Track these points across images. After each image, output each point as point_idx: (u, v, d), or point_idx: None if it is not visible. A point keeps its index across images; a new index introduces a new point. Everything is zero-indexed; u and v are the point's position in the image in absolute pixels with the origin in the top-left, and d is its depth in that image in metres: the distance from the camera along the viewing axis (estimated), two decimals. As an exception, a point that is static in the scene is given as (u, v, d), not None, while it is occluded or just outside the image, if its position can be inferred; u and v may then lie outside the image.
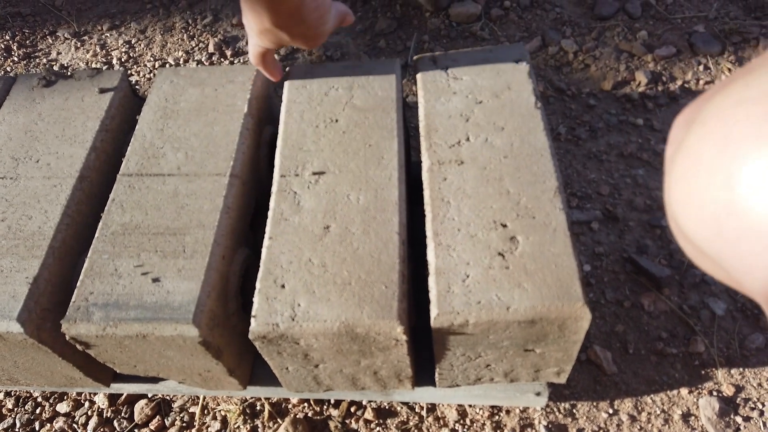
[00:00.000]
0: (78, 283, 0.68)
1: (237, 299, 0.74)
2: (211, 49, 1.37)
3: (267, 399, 0.88)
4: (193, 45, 1.40)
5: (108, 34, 1.46)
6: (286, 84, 0.85)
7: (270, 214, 0.72)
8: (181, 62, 1.36)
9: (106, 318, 0.65)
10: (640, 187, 1.05)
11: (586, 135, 1.13)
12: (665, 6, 1.31)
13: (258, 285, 0.66)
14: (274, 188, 0.74)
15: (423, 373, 0.79)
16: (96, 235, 0.71)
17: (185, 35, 1.42)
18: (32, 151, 0.81)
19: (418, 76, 0.84)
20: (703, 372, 0.86)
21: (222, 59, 1.36)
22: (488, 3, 1.35)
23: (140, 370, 0.75)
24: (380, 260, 0.66)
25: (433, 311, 0.62)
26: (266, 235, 0.70)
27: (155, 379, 0.83)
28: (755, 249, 0.16)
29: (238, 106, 0.82)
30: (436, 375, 0.74)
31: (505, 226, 0.67)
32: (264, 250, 0.68)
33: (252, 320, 0.63)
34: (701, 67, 1.21)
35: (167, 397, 0.92)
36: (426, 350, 0.76)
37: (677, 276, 0.95)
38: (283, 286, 0.65)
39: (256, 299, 0.65)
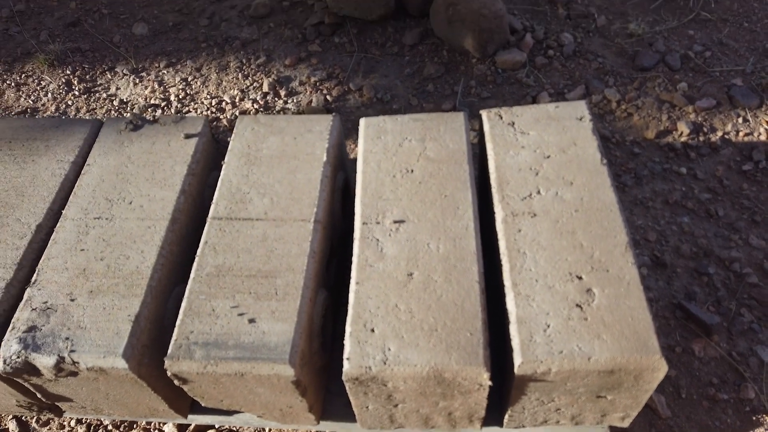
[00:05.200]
0: (178, 322, 0.72)
1: (319, 338, 0.78)
2: (265, 88, 1.43)
3: (333, 433, 0.92)
4: (248, 84, 1.46)
5: (165, 71, 1.53)
6: (361, 134, 0.90)
7: (355, 260, 0.76)
8: (236, 101, 1.42)
9: (207, 356, 0.69)
10: (685, 234, 1.10)
11: (632, 182, 1.18)
12: (704, 59, 1.37)
13: (349, 328, 0.70)
14: (356, 235, 0.79)
15: (487, 412, 0.82)
16: (192, 276, 0.76)
17: (240, 74, 1.49)
18: (125, 193, 0.86)
19: (486, 129, 0.89)
20: (754, 418, 0.89)
21: (276, 98, 1.42)
22: (533, 51, 1.41)
23: (225, 404, 0.79)
24: (463, 308, 0.71)
25: (517, 359, 0.66)
26: (353, 280, 0.74)
27: (230, 412, 0.87)
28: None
29: (317, 155, 0.88)
30: (506, 416, 0.78)
31: (580, 278, 0.71)
32: (351, 294, 0.73)
33: (345, 362, 0.67)
34: (740, 119, 1.26)
35: (234, 428, 0.95)
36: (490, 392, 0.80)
37: (725, 323, 0.98)
38: (372, 330, 0.70)
39: (347, 342, 0.69)
